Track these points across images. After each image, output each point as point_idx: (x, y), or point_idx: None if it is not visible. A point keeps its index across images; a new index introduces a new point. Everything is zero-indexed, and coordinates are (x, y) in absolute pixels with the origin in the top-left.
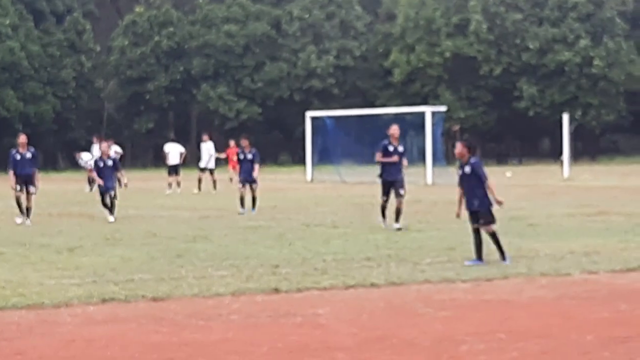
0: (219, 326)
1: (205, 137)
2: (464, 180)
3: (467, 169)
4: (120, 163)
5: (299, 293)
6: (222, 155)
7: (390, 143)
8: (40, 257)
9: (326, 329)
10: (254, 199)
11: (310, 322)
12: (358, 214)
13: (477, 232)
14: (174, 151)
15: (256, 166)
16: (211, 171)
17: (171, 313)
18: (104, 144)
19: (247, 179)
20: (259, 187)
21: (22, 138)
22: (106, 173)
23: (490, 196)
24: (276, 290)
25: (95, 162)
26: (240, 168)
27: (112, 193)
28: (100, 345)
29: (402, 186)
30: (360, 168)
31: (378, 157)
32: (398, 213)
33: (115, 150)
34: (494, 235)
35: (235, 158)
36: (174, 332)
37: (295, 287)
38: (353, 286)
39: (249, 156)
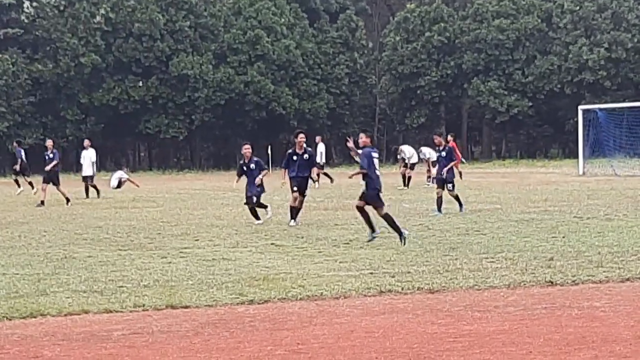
0: (495, 318)
1: (318, 138)
2: None
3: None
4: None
5: (574, 286)
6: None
7: None
8: (317, 250)
9: (603, 321)
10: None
11: (587, 315)
12: (632, 207)
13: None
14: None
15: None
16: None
17: (447, 305)
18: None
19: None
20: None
21: (301, 137)
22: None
23: None
24: (551, 283)
25: None
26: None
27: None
28: (379, 335)
29: None
30: (634, 161)
31: None
32: None
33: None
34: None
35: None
36: (450, 323)
37: (571, 279)
38: (629, 279)
39: (443, 154)
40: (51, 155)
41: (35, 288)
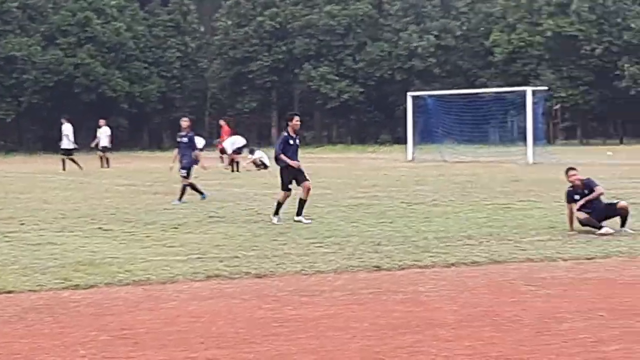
0: (321, 302)
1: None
2: None
3: None
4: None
5: (400, 271)
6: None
7: None
8: (146, 235)
9: (428, 305)
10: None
11: (412, 299)
12: (459, 193)
13: None
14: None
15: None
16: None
17: (274, 289)
18: None
19: None
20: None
21: (296, 120)
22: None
23: None
24: (378, 268)
25: None
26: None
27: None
28: (206, 320)
29: None
30: (462, 147)
31: None
32: None
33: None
34: None
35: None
36: (277, 308)
37: (397, 264)
38: (454, 264)
39: (185, 139)
40: None
41: None
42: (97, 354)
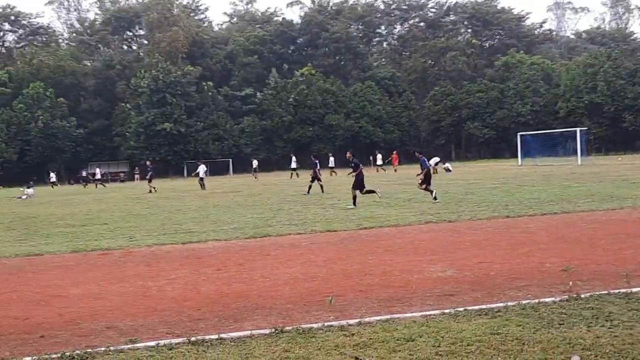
0: (481, 233)
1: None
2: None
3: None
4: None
5: (518, 217)
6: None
7: None
8: (398, 204)
9: (534, 234)
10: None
11: (525, 231)
12: (543, 180)
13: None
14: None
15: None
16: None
17: (457, 228)
18: None
19: None
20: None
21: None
22: None
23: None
24: (507, 217)
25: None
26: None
27: None
28: (425, 242)
29: None
30: (544, 159)
31: None
32: None
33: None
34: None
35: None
36: (460, 236)
37: (517, 214)
38: (545, 214)
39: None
40: None
41: (264, 223)
42: (378, 258)
